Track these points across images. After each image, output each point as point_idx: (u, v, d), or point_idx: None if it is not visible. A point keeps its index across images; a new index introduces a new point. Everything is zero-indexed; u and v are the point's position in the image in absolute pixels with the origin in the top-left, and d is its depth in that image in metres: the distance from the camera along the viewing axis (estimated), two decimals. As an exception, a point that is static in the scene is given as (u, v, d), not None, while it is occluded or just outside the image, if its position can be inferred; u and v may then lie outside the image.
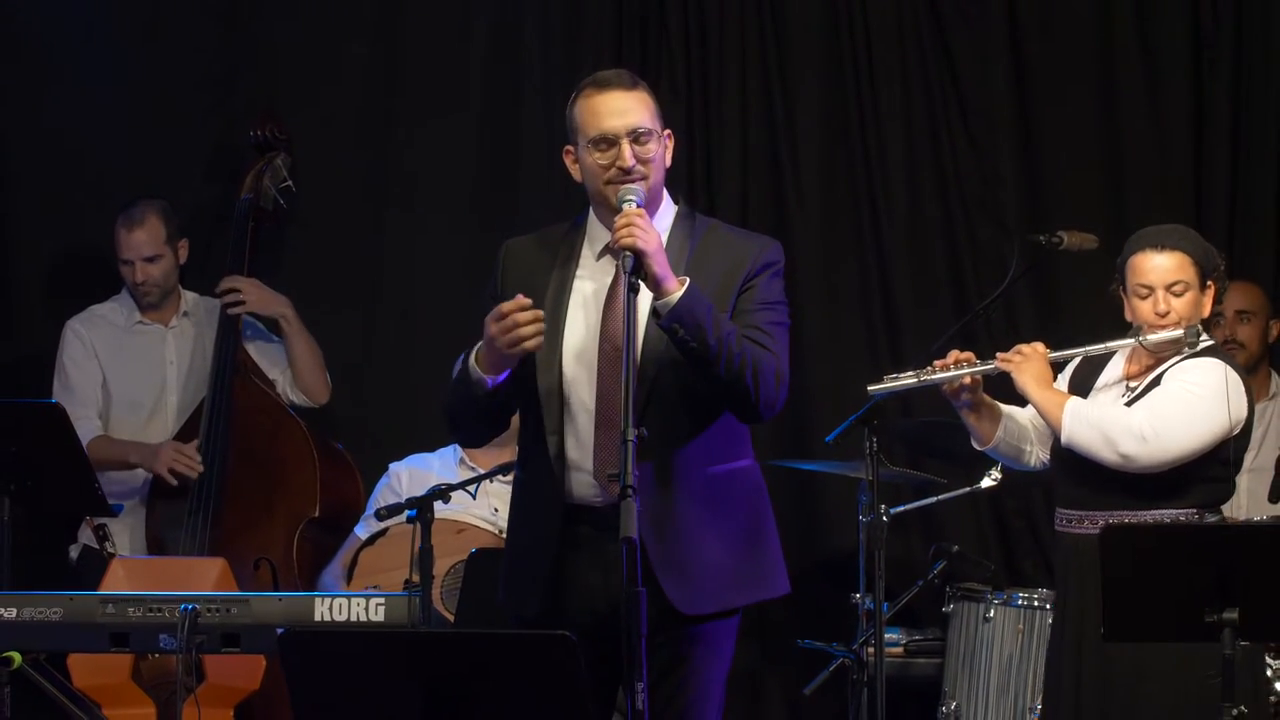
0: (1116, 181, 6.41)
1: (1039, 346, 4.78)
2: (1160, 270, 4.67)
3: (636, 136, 3.92)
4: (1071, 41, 6.44)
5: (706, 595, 3.94)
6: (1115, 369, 4.84)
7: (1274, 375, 6.15)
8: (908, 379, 4.82)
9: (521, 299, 3.83)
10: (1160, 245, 4.69)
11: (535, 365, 3.96)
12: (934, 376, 4.78)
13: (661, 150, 3.98)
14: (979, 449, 4.92)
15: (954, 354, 4.79)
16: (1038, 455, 4.91)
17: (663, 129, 4.00)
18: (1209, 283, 4.70)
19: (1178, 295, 4.66)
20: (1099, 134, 6.43)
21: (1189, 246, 4.69)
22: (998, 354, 4.79)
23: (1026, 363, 4.74)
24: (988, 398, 4.85)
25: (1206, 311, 4.73)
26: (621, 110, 3.94)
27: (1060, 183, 6.43)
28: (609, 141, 3.93)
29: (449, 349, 5.86)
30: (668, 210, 4.05)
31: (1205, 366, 4.66)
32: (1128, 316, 4.78)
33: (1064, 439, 4.67)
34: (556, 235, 4.11)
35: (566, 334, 3.97)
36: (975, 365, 4.76)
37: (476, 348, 3.93)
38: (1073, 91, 6.43)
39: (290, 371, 6.01)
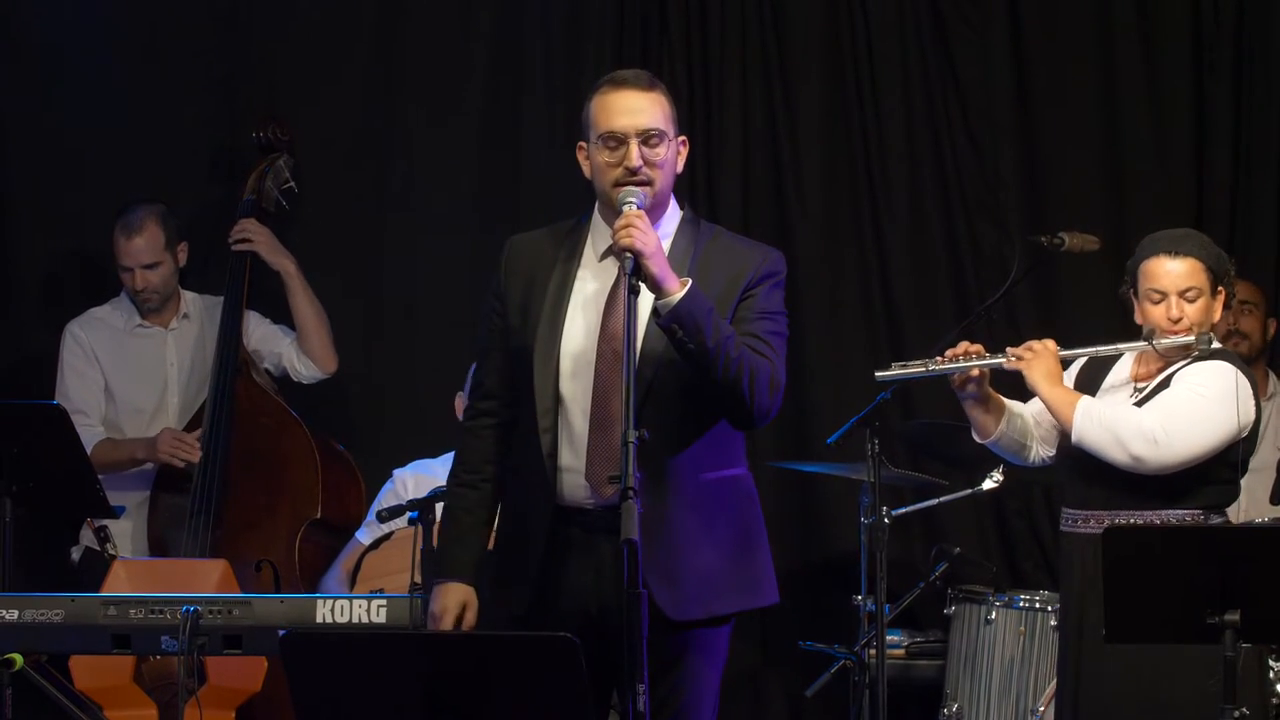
0: (1118, 183, 6.42)
1: (1049, 344, 4.77)
2: (1174, 276, 4.68)
3: (646, 138, 3.91)
4: (1072, 43, 6.45)
5: (694, 601, 3.94)
6: (1123, 370, 4.84)
7: (1272, 375, 6.16)
8: (916, 368, 4.83)
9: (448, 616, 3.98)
10: (1174, 251, 4.70)
11: (533, 363, 3.96)
12: (942, 367, 4.77)
13: (672, 155, 3.96)
14: (980, 441, 4.92)
15: (964, 345, 4.79)
16: (1038, 452, 4.91)
17: (676, 134, 3.98)
18: (1219, 289, 4.72)
19: (1190, 301, 4.67)
20: (1100, 135, 6.44)
21: (1203, 253, 4.71)
22: (1008, 349, 4.79)
23: (1037, 359, 4.73)
24: (993, 392, 4.85)
25: (1217, 317, 4.74)
26: (633, 110, 3.92)
27: (1061, 184, 6.43)
28: (617, 140, 3.92)
29: (451, 349, 5.90)
30: (673, 215, 4.04)
31: (1215, 369, 4.67)
32: (1138, 319, 4.78)
33: (1074, 437, 4.67)
34: (561, 233, 4.10)
35: (565, 334, 3.96)
36: (985, 358, 4.76)
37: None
38: (1073, 93, 6.44)
39: (296, 340, 5.99)
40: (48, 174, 6.38)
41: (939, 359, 4.79)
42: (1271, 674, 5.07)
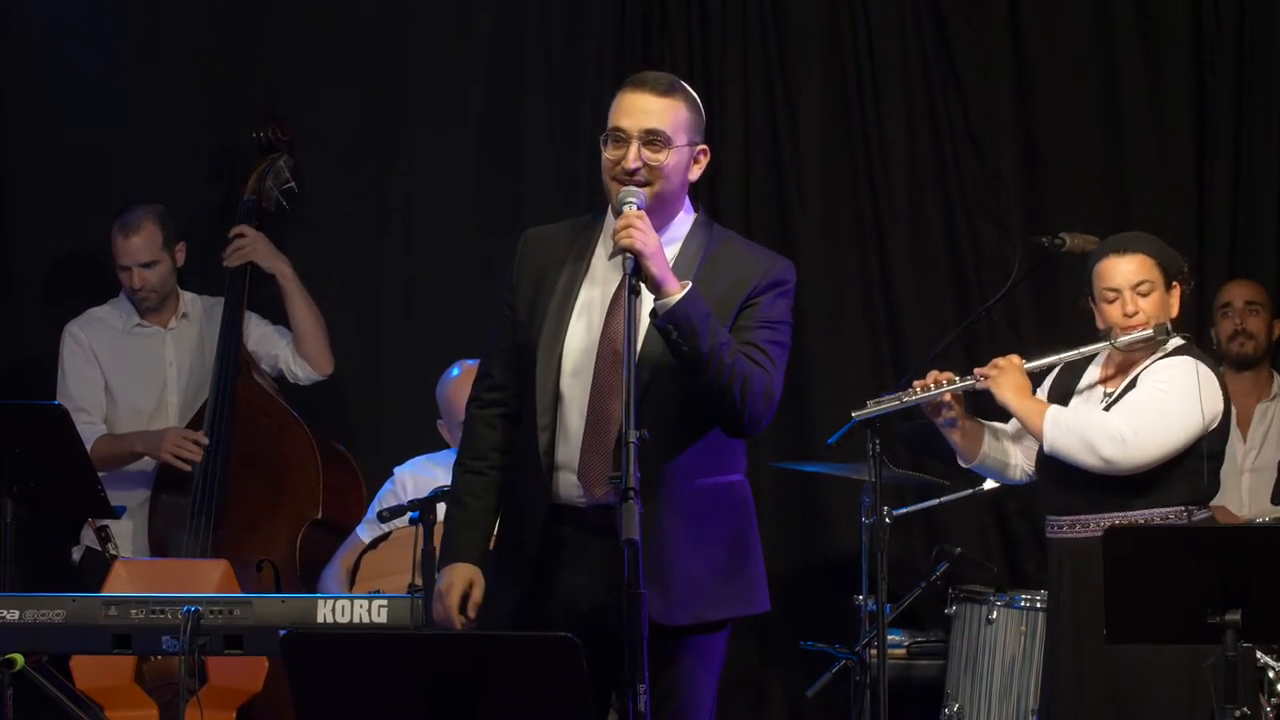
0: (1118, 183, 6.43)
1: (1014, 359, 4.88)
2: (1124, 273, 4.78)
3: (648, 140, 3.89)
4: (1072, 43, 6.45)
5: (683, 607, 3.91)
6: (1093, 376, 4.92)
7: (1275, 376, 6.17)
8: (890, 402, 4.94)
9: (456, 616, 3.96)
10: (1122, 249, 4.81)
11: (536, 360, 3.95)
12: (916, 397, 4.89)
13: (680, 161, 3.92)
14: (964, 466, 5.03)
15: (933, 374, 4.90)
16: (1022, 469, 5.00)
17: (691, 141, 3.94)
18: (1174, 283, 4.81)
19: (1144, 295, 4.77)
20: (1101, 136, 6.44)
21: (1150, 248, 4.82)
22: (975, 369, 4.88)
23: (1003, 375, 4.84)
24: (969, 416, 4.94)
25: (1174, 311, 4.82)
26: (642, 111, 3.90)
27: (1062, 185, 6.44)
28: (620, 138, 3.91)
29: (452, 350, 5.89)
30: (685, 218, 4.02)
31: (1176, 365, 4.74)
32: (1099, 325, 4.87)
33: (1046, 447, 4.75)
34: (576, 228, 4.09)
35: (569, 333, 3.96)
36: (955, 383, 4.87)
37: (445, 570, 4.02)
38: (1074, 93, 6.45)
39: (291, 342, 6.00)
40: (48, 174, 6.37)
41: (911, 390, 4.90)
42: (1272, 674, 5.08)
